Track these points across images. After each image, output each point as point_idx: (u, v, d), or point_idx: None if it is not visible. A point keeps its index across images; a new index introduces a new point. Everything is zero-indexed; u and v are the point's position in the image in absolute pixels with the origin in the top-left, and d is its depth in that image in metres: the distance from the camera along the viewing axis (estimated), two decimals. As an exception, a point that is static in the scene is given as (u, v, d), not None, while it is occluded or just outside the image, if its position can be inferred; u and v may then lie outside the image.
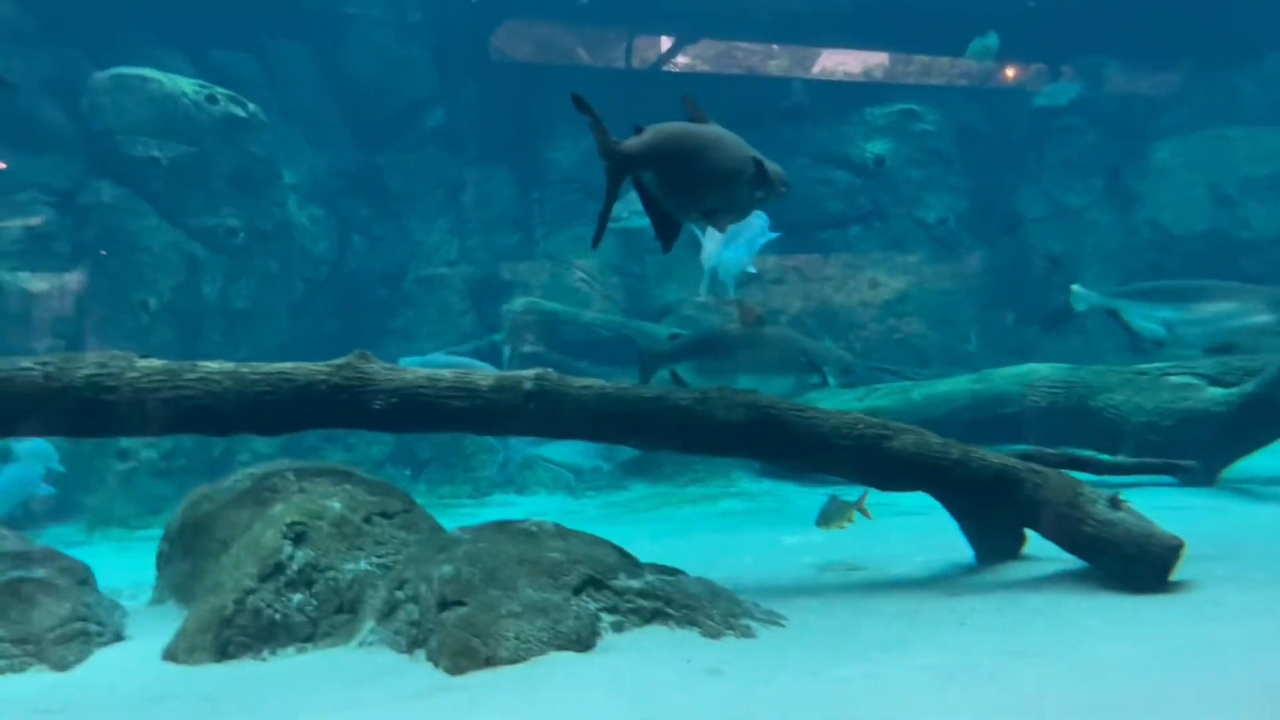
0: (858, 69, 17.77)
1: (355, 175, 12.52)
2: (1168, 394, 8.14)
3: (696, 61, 18.14)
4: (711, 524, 8.16)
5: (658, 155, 4.72)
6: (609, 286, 12.49)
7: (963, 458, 5.30)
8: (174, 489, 9.28)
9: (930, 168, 13.47)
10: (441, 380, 5.54)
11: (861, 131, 13.46)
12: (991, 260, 13.71)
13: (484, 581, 4.49)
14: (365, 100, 12.65)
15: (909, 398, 9.54)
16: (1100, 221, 14.02)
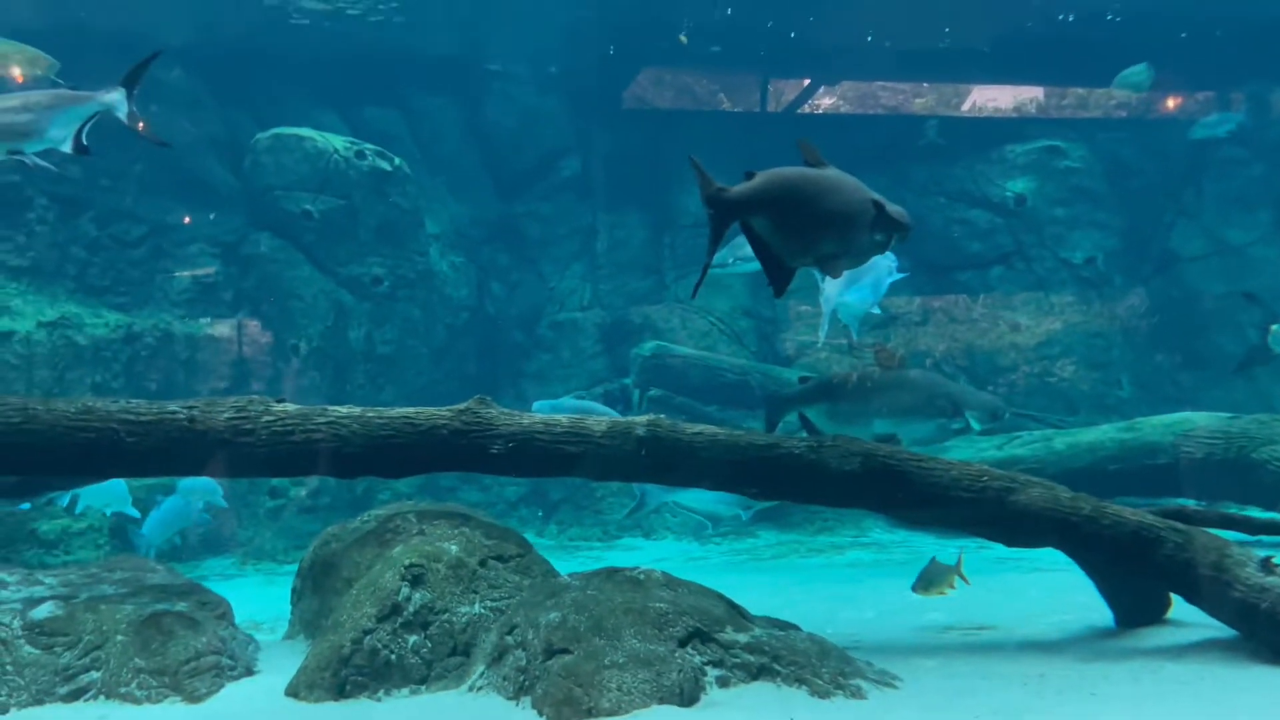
0: (997, 105, 17.31)
1: (494, 224, 12.98)
2: (1343, 446, 7.45)
3: (832, 102, 18.08)
4: (836, 575, 7.95)
5: (768, 200, 4.69)
6: (739, 330, 12.45)
7: (1094, 514, 4.99)
8: (319, 525, 9.69)
9: (1076, 205, 12.88)
10: (557, 426, 5.63)
11: (1000, 170, 13.03)
12: (1146, 301, 12.95)
13: (590, 630, 4.51)
14: (504, 151, 13.13)
15: (1051, 446, 9.07)
16: (1269, 257, 13.06)
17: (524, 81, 13.00)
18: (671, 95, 17.06)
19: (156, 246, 10.85)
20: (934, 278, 13.11)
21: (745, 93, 16.75)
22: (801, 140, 5.04)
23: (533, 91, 13.04)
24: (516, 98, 13.04)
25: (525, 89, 13.02)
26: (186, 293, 10.73)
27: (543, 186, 13.07)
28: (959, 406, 7.30)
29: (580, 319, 12.50)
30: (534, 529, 11.01)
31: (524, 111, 13.00)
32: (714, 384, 11.34)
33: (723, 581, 7.28)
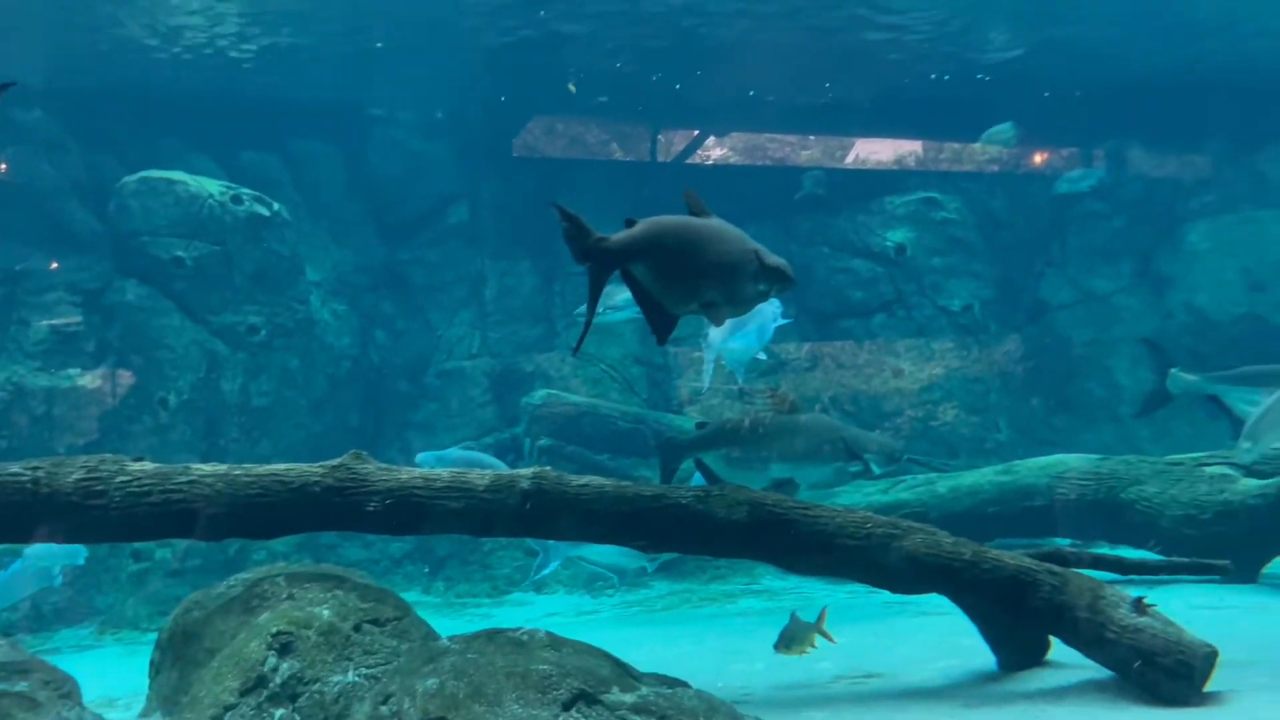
0: (879, 158, 17.91)
1: (379, 271, 12.69)
2: (1204, 486, 7.80)
3: (723, 153, 18.42)
4: (728, 625, 7.88)
5: (649, 248, 4.67)
6: (630, 377, 12.42)
7: (975, 559, 5.05)
8: (188, 590, 9.14)
9: (952, 255, 13.37)
10: (437, 481, 5.44)
11: (881, 220, 13.44)
12: (1020, 348, 13.46)
13: (469, 696, 4.30)
14: (390, 197, 12.90)
15: (934, 490, 9.26)
16: (1131, 306, 13.77)
17: (409, 127, 12.84)
18: (563, 144, 17.10)
19: (8, 294, 10.20)
20: (820, 325, 13.37)
21: (636, 142, 16.92)
22: (686, 190, 5.06)
23: (418, 137, 12.89)
24: (401, 143, 12.86)
25: (411, 134, 12.87)
26: (44, 343, 10.09)
27: (429, 233, 12.86)
28: (856, 450, 7.35)
29: (469, 367, 12.27)
30: (420, 586, 10.64)
31: (409, 157, 12.82)
32: (606, 432, 11.24)
33: (614, 636, 7.15)
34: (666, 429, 11.38)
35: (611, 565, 8.64)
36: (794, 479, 7.36)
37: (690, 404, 12.61)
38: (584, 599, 9.74)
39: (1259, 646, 5.22)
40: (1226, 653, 4.68)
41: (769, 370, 12.78)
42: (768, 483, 7.34)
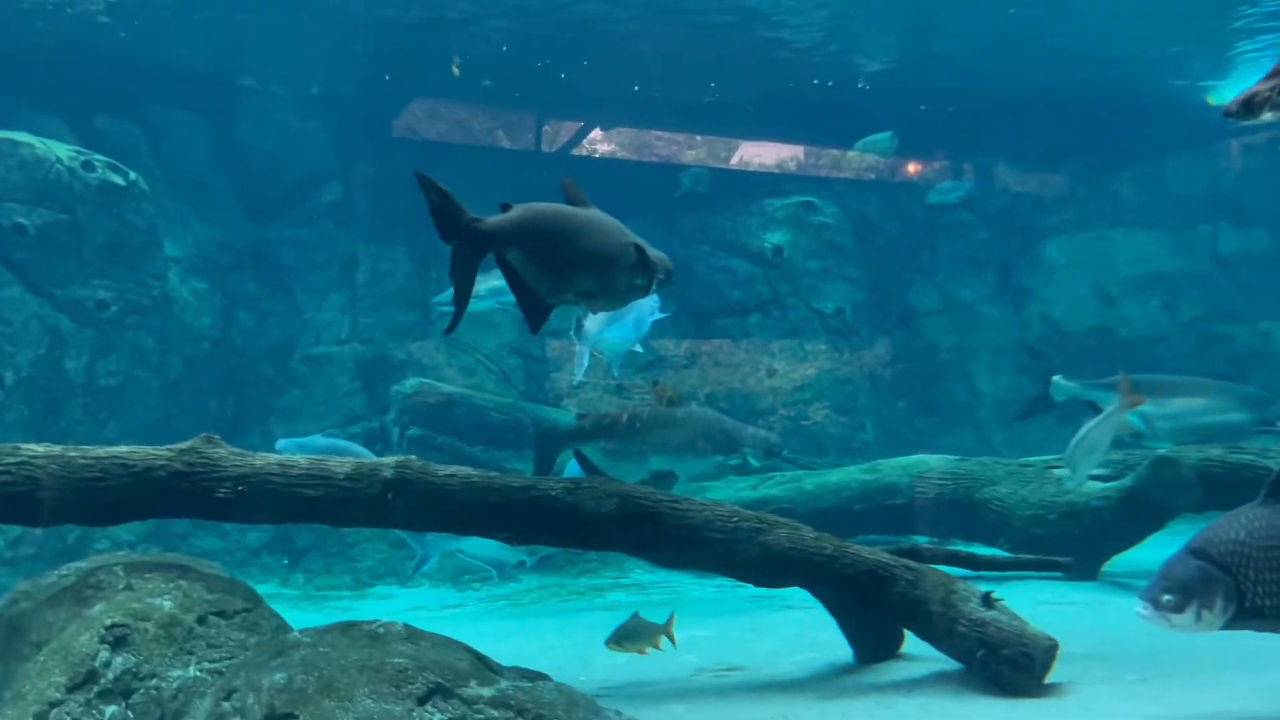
0: (762, 161, 18.21)
1: (244, 249, 12.13)
2: (1052, 488, 8.18)
3: (610, 148, 18.38)
4: (594, 619, 7.80)
5: (524, 235, 4.57)
6: (507, 368, 12.24)
7: (836, 553, 5.15)
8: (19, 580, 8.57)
9: (827, 259, 13.69)
10: (294, 468, 5.21)
11: (760, 222, 13.65)
12: (888, 351, 13.90)
13: (319, 691, 4.11)
14: (259, 173, 12.34)
15: (801, 487, 9.44)
16: (993, 315, 14.40)
17: (282, 101, 12.30)
18: (446, 128, 16.74)
19: None
20: (698, 322, 13.49)
21: (520, 131, 16.71)
22: (565, 179, 4.98)
23: (292, 112, 12.36)
24: (274, 117, 12.31)
25: (283, 108, 12.33)
26: None
27: (300, 212, 12.37)
28: (736, 443, 7.37)
29: (337, 353, 11.86)
30: (278, 578, 10.24)
31: (281, 132, 12.28)
32: (479, 423, 11.04)
33: (478, 630, 7.02)
34: (543, 421, 11.27)
35: (490, 559, 8.46)
36: (673, 471, 7.36)
37: (567, 397, 12.52)
38: (449, 593, 9.55)
39: (1097, 640, 5.49)
40: (1067, 646, 4.90)
41: (647, 365, 12.82)
42: (647, 475, 7.32)
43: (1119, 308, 13.76)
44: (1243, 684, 4.37)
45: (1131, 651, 5.18)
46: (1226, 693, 4.32)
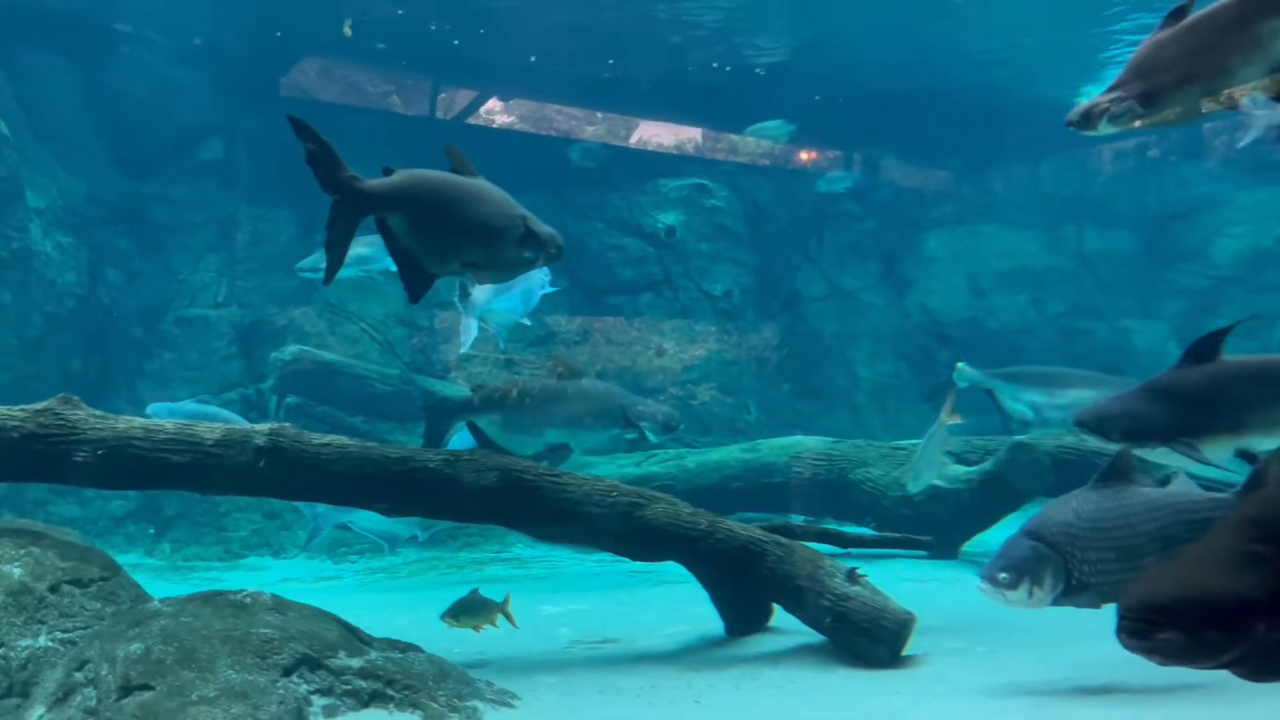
0: (660, 141, 18.29)
1: (115, 204, 11.52)
2: (919, 470, 8.49)
3: (510, 119, 18.14)
4: (473, 592, 7.80)
5: (406, 200, 4.50)
6: (393, 339, 12.01)
7: (710, 528, 5.27)
8: None
9: (719, 242, 13.87)
10: (159, 432, 5.03)
11: (654, 201, 13.72)
12: (774, 335, 14.19)
13: (179, 662, 4.01)
14: (133, 125, 11.71)
15: (683, 465, 9.59)
16: (875, 304, 14.84)
17: (161, 50, 11.71)
18: (339, 89, 16.23)
19: None
20: (590, 299, 13.50)
21: (416, 97, 16.34)
22: (448, 145, 4.91)
23: (171, 62, 11.77)
24: (150, 66, 11.70)
25: (162, 58, 11.73)
26: None
27: (177, 168, 11.82)
28: (633, 417, 7.35)
29: (213, 316, 11.42)
30: (143, 548, 9.85)
31: (159, 82, 11.68)
32: (362, 394, 10.81)
33: (353, 602, 6.90)
34: (433, 392, 11.11)
35: (382, 532, 8.28)
36: (568, 445, 7.33)
37: (455, 369, 12.37)
38: (326, 565, 9.36)
39: (953, 615, 5.77)
40: (925, 620, 5.14)
41: (537, 340, 12.77)
42: (542, 448, 7.26)
43: (989, 300, 14.38)
44: (1081, 655, 4.66)
45: (983, 625, 5.46)
46: (1065, 663, 4.60)
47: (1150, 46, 3.68)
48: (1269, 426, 4.13)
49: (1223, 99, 3.63)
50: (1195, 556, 2.52)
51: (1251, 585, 2.36)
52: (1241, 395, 4.12)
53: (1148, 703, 4.05)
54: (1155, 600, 2.41)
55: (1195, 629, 2.35)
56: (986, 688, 4.40)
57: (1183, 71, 3.55)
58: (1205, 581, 2.40)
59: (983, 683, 4.46)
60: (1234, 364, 4.23)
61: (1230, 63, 3.49)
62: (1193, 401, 4.13)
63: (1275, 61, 3.47)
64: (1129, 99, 3.64)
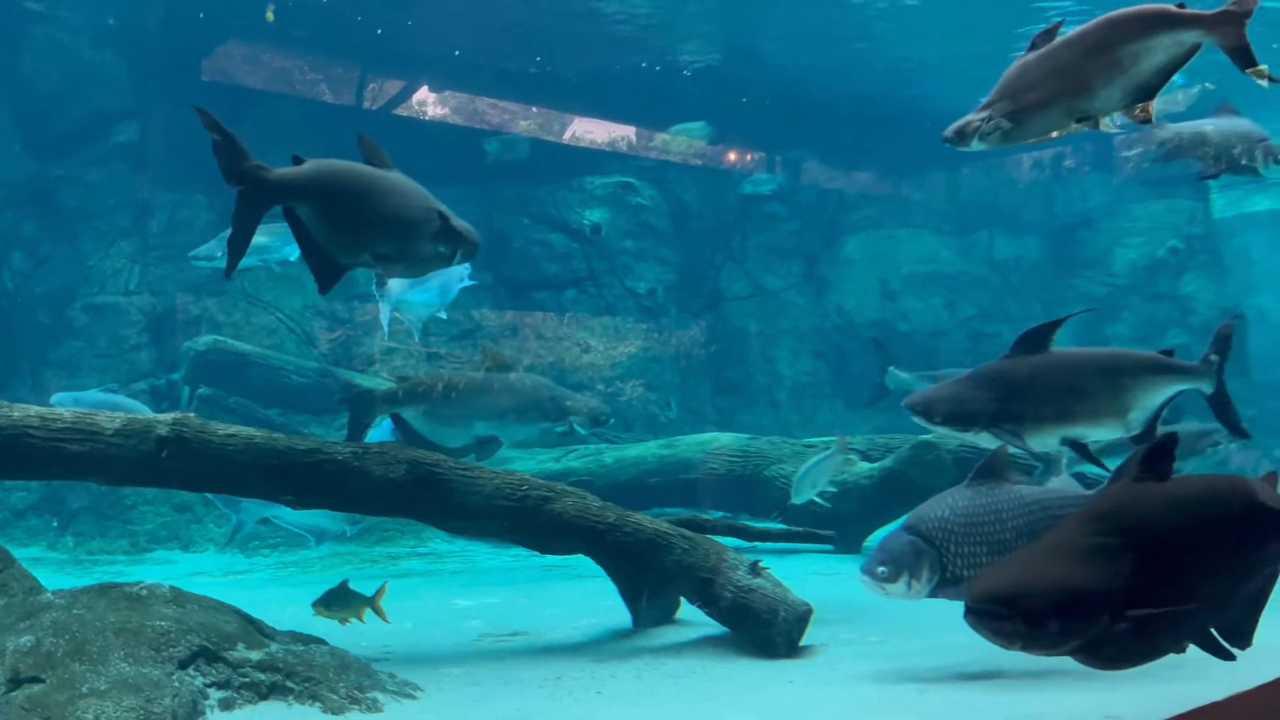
0: (593, 137, 18.32)
1: (21, 186, 11.17)
2: (831, 467, 8.71)
3: (442, 111, 17.98)
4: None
5: (315, 191, 4.48)
6: (310, 330, 11.86)
7: (619, 521, 5.35)
8: None
9: (643, 240, 13.98)
10: (57, 421, 4.93)
11: (581, 198, 13.77)
12: (697, 333, 14.36)
13: (70, 654, 3.96)
14: (44, 105, 11.37)
15: (601, 460, 9.67)
16: (796, 303, 15.10)
17: (74, 29, 11.38)
18: (264, 75, 15.92)
19: None
20: (514, 294, 13.50)
21: (344, 86, 16.11)
22: (361, 135, 4.89)
23: (85, 42, 11.46)
24: (64, 46, 11.38)
25: (76, 37, 11.41)
26: None
27: (89, 151, 11.49)
28: (563, 410, 7.33)
29: (124, 304, 11.13)
30: (45, 541, 9.60)
31: (72, 63, 11.37)
32: (277, 385, 10.67)
33: (261, 596, 6.84)
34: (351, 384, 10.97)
35: (309, 527, 8.14)
36: (497, 437, 7.30)
37: (378, 363, 12.26)
38: (236, 558, 9.22)
39: (849, 607, 5.93)
40: (823, 612, 5.30)
41: (462, 334, 12.72)
42: (470, 440, 7.22)
43: (899, 302, 14.75)
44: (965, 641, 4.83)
45: (876, 617, 5.65)
46: (951, 650, 4.78)
47: (1019, 68, 3.86)
48: (1093, 416, 4.36)
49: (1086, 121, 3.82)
50: (1042, 548, 2.67)
51: (1093, 577, 2.50)
52: (1065, 384, 4.33)
53: (1028, 686, 4.25)
54: (996, 591, 2.55)
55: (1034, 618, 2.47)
56: (876, 674, 4.56)
57: (1048, 91, 3.74)
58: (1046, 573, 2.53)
59: (873, 670, 4.62)
60: (1060, 355, 4.45)
61: (1093, 84, 3.69)
62: (1017, 389, 4.33)
63: (1136, 83, 3.68)
64: (998, 117, 3.81)
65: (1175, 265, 14.74)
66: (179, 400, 10.44)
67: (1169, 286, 14.68)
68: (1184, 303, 14.72)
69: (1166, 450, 2.78)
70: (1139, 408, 4.45)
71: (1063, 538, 2.65)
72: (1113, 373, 4.46)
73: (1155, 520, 2.65)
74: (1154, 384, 4.48)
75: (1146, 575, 2.55)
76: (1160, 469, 2.76)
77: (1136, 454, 2.83)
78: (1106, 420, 4.45)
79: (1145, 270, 14.76)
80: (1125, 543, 2.58)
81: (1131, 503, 2.70)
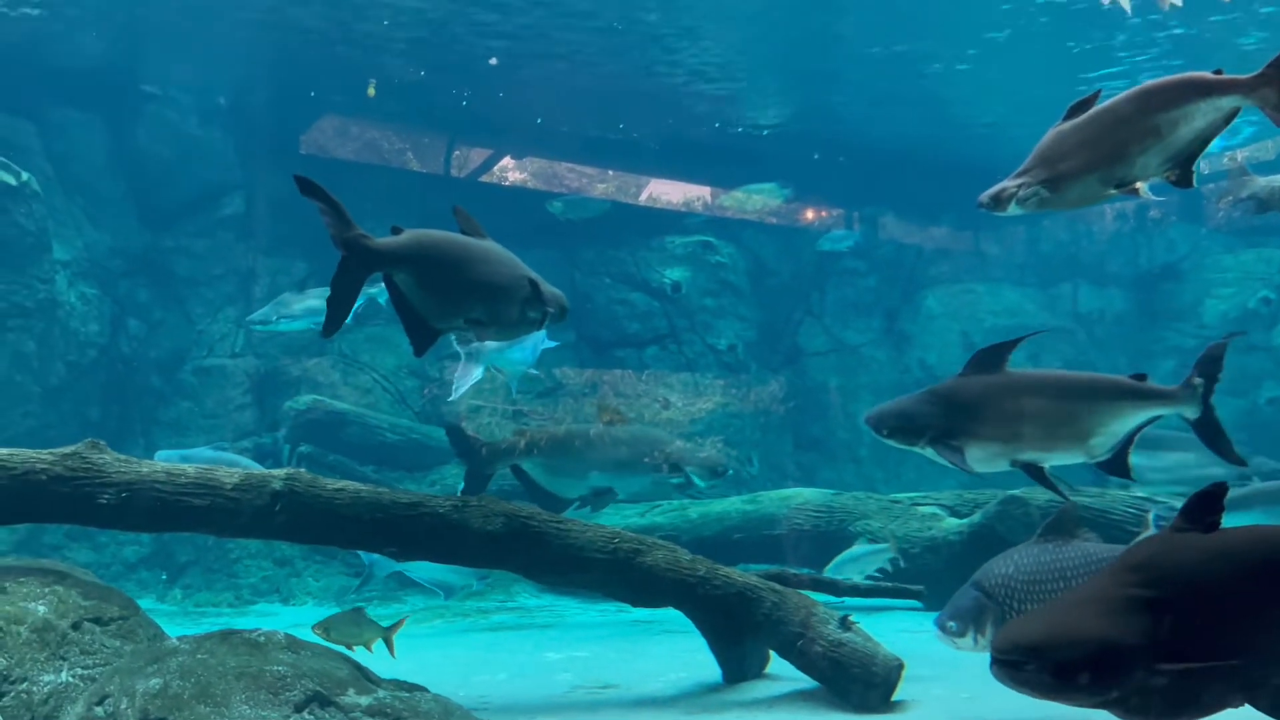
0: (669, 199, 18.73)
1: (137, 256, 11.90)
2: (916, 523, 8.69)
3: (521, 177, 18.61)
4: (478, 639, 7.96)
5: (413, 258, 4.73)
6: (403, 389, 12.28)
7: (709, 574, 5.44)
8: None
9: (723, 297, 14.18)
10: (181, 476, 5.25)
11: (660, 257, 14.06)
12: (777, 389, 14.42)
13: (195, 697, 4.19)
14: (156, 180, 12.13)
15: (686, 515, 9.75)
16: (877, 358, 15.08)
17: (185, 109, 12.18)
18: (356, 147, 16.73)
19: None
20: (596, 352, 13.77)
21: (431, 155, 16.82)
22: (457, 207, 5.15)
23: (195, 121, 12.24)
24: (175, 124, 12.16)
25: (186, 117, 12.19)
26: None
27: (198, 222, 12.20)
28: (678, 463, 7.44)
29: (230, 366, 11.71)
30: (155, 594, 10.03)
31: (182, 140, 12.14)
32: (373, 443, 11.07)
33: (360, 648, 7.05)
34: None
35: (437, 581, 8.38)
36: (612, 488, 7.44)
37: (465, 420, 12.59)
38: (334, 611, 9.49)
39: (941, 664, 5.88)
40: (914, 668, 5.29)
41: (546, 391, 13.01)
42: (586, 490, 7.38)
43: (983, 357, 14.60)
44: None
45: (968, 673, 5.59)
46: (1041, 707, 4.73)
47: (1055, 136, 3.91)
48: (1047, 440, 4.23)
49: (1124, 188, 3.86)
50: (1073, 599, 2.63)
51: (1123, 629, 2.43)
52: (1016, 406, 4.21)
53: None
54: (1021, 640, 2.50)
55: (1060, 670, 2.43)
56: (969, 730, 4.55)
57: (1085, 160, 3.79)
58: (1073, 624, 2.48)
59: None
60: (1014, 375, 4.32)
61: (1129, 152, 3.74)
62: (964, 407, 4.24)
63: (1174, 150, 3.72)
64: (1035, 184, 3.88)
65: (1268, 316, 14.34)
66: (281, 458, 10.87)
67: (1262, 338, 14.27)
68: (1278, 354, 14.29)
69: (1212, 500, 2.67)
70: (1102, 433, 4.30)
71: (1095, 589, 2.59)
72: (1069, 396, 4.32)
73: (1194, 571, 2.57)
74: (1118, 409, 4.31)
75: (1184, 628, 2.48)
76: (1204, 520, 2.66)
77: (1186, 504, 2.71)
78: (1062, 445, 4.29)
79: (1237, 321, 14.39)
80: (1160, 594, 2.51)
81: (1168, 553, 2.62)
